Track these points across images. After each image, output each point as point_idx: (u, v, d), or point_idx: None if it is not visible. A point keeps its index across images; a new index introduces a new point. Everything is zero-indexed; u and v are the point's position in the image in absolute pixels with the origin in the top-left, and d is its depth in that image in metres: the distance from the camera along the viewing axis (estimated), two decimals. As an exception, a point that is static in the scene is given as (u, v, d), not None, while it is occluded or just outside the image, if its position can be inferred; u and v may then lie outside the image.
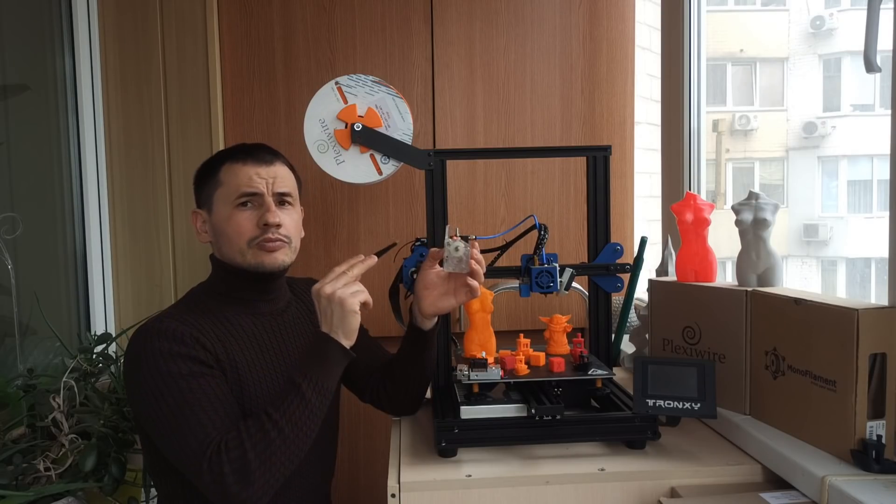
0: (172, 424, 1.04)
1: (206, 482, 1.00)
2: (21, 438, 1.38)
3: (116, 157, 1.97)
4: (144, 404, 1.07)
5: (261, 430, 1.02)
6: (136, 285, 1.99)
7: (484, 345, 1.34)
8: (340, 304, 1.07)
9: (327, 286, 1.09)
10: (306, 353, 1.10)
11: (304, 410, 1.04)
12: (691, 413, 1.09)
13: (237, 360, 1.15)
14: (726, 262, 1.56)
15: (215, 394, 1.07)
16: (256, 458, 1.00)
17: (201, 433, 1.02)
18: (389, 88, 1.42)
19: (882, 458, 0.94)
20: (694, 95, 1.83)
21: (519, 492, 1.07)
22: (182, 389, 1.05)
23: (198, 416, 1.03)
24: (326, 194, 2.01)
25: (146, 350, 1.08)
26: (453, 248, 1.17)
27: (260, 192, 1.18)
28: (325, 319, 1.09)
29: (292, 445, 1.03)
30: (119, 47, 1.95)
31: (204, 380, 1.07)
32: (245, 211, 1.18)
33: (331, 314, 1.08)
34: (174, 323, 1.11)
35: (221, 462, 0.99)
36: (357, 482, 2.08)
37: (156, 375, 1.06)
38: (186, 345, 1.09)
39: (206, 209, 1.22)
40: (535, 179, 2.05)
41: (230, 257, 1.19)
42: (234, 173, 1.19)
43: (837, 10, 5.63)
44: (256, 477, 1.00)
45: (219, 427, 1.03)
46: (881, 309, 0.99)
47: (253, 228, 1.17)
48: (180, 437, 1.03)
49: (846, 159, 5.42)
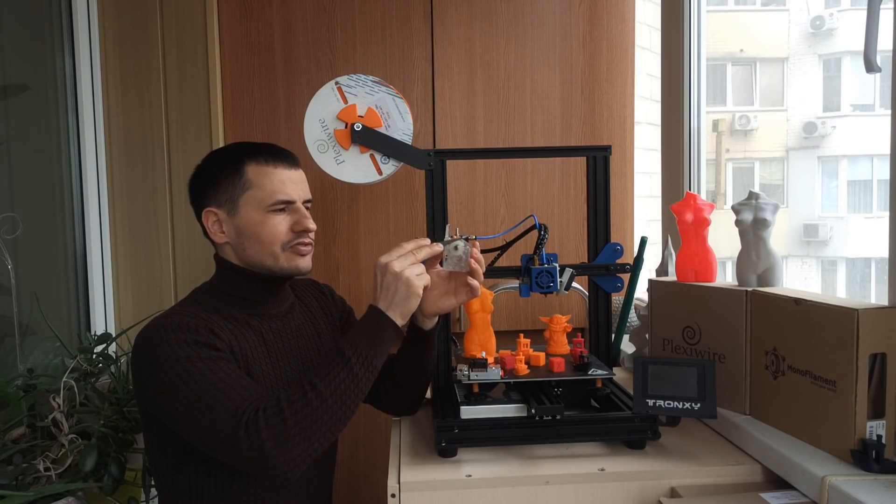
0: (201, 404, 1.01)
1: (243, 450, 0.97)
2: (21, 438, 1.38)
3: (116, 157, 1.97)
4: (165, 394, 1.04)
5: (302, 397, 1.00)
6: (136, 285, 1.99)
7: (484, 345, 1.34)
8: (407, 283, 1.06)
9: (395, 263, 1.07)
10: (358, 325, 1.09)
11: (350, 383, 1.03)
12: (691, 413, 1.09)
13: (247, 354, 1.15)
14: (726, 262, 1.56)
15: (237, 373, 1.06)
16: (296, 424, 0.98)
17: (232, 404, 1.00)
18: (389, 88, 1.42)
19: (882, 458, 0.94)
20: (694, 95, 1.83)
21: (519, 492, 1.07)
22: (203, 371, 1.03)
23: (225, 392, 1.01)
24: (326, 194, 2.01)
25: (159, 342, 1.06)
26: (453, 247, 1.17)
27: (294, 199, 1.19)
28: (385, 294, 1.07)
29: (333, 416, 1.01)
30: (119, 47, 1.95)
31: (223, 363, 1.06)
32: (279, 216, 1.18)
33: (394, 291, 1.07)
34: (184, 317, 1.10)
35: (259, 427, 0.97)
36: (357, 482, 2.08)
37: (175, 363, 1.04)
38: (201, 334, 1.08)
39: (227, 210, 1.19)
40: (535, 179, 2.05)
41: (258, 260, 1.19)
42: (266, 176, 1.18)
43: (837, 10, 5.63)
44: (295, 443, 0.98)
45: (249, 397, 1.01)
46: (881, 309, 0.99)
47: (287, 233, 1.18)
48: (211, 413, 1.00)
49: (846, 159, 5.41)
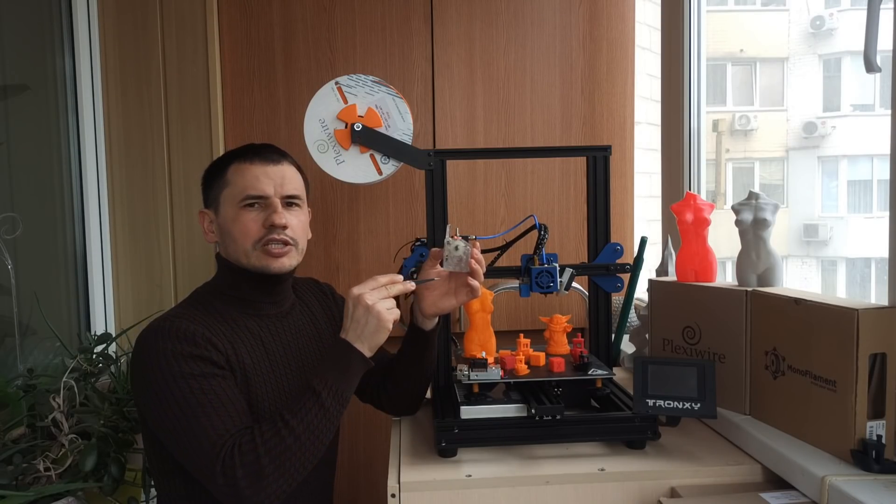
0: (184, 426, 1.03)
1: (219, 484, 1.00)
2: (21, 438, 1.37)
3: (116, 157, 1.97)
4: (155, 406, 1.06)
5: (276, 435, 1.01)
6: (136, 285, 1.99)
7: (484, 345, 1.34)
8: (378, 317, 1.06)
9: (368, 296, 1.07)
10: (326, 358, 1.09)
11: (321, 417, 1.04)
12: (691, 413, 1.09)
13: (245, 361, 1.15)
14: (726, 262, 1.56)
15: (227, 395, 1.07)
16: (270, 462, 1.00)
17: (214, 435, 1.02)
18: (389, 88, 1.42)
19: (882, 458, 0.94)
20: (694, 95, 1.83)
21: (519, 492, 1.07)
22: (193, 390, 1.04)
23: (210, 418, 1.03)
24: (326, 194, 2.01)
25: (156, 350, 1.07)
26: (453, 247, 1.17)
27: (266, 194, 1.17)
28: (355, 326, 1.08)
29: (307, 451, 1.03)
30: (119, 47, 1.95)
31: (215, 381, 1.07)
32: (251, 212, 1.17)
33: (364, 324, 1.07)
34: (184, 322, 1.10)
35: (234, 465, 0.99)
36: (357, 482, 2.08)
37: (167, 377, 1.05)
38: (198, 345, 1.08)
39: (213, 209, 1.22)
40: (535, 179, 2.05)
41: (235, 258, 1.19)
42: (241, 173, 1.18)
43: (837, 10, 5.63)
44: (270, 481, 1.00)
45: (231, 429, 1.03)
46: (881, 309, 0.99)
47: (259, 229, 1.17)
48: (192, 439, 1.02)
49: (846, 159, 5.42)
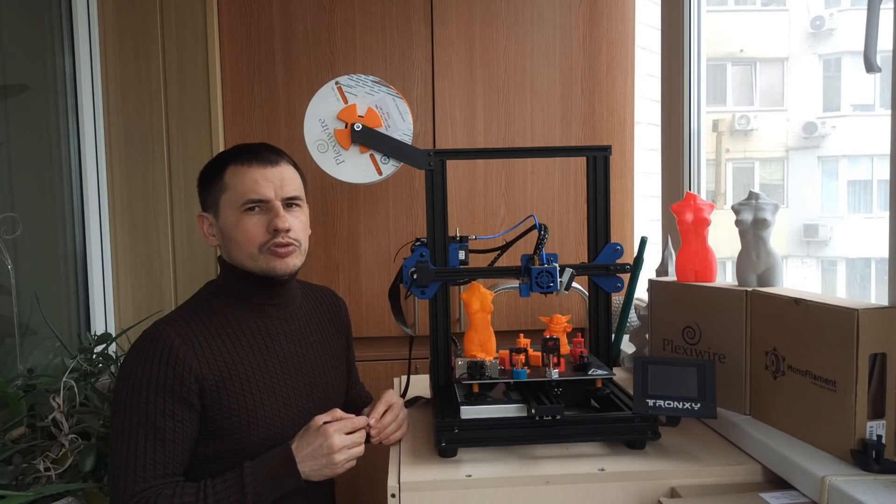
0: (120, 448, 1.06)
1: None
2: (21, 438, 1.37)
3: (116, 157, 1.97)
4: (114, 412, 1.10)
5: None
6: (136, 285, 1.99)
7: (484, 345, 1.34)
8: (332, 465, 1.09)
9: (336, 439, 1.09)
10: (270, 462, 1.10)
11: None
12: (691, 413, 1.09)
13: (243, 364, 1.15)
14: (726, 262, 1.56)
15: (173, 443, 1.08)
16: None
17: (138, 477, 1.04)
18: (389, 88, 1.42)
19: (882, 458, 0.94)
20: (694, 95, 1.83)
21: (519, 492, 1.07)
22: (147, 426, 1.07)
23: (143, 459, 1.05)
24: (326, 194, 2.01)
25: (138, 365, 1.09)
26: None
27: (267, 198, 1.16)
28: (308, 456, 1.09)
29: None
30: (119, 47, 1.95)
31: (170, 423, 1.08)
32: (253, 216, 1.16)
33: (316, 462, 1.09)
34: (177, 340, 1.11)
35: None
36: (357, 482, 2.08)
37: (132, 400, 1.08)
38: (176, 375, 1.08)
39: (213, 213, 1.21)
40: (535, 179, 2.05)
41: (240, 262, 1.18)
42: (239, 177, 1.17)
43: (837, 10, 5.63)
44: None
45: (158, 477, 1.05)
46: (881, 309, 0.99)
47: (262, 233, 1.16)
48: (120, 466, 1.06)
49: (846, 159, 5.42)
